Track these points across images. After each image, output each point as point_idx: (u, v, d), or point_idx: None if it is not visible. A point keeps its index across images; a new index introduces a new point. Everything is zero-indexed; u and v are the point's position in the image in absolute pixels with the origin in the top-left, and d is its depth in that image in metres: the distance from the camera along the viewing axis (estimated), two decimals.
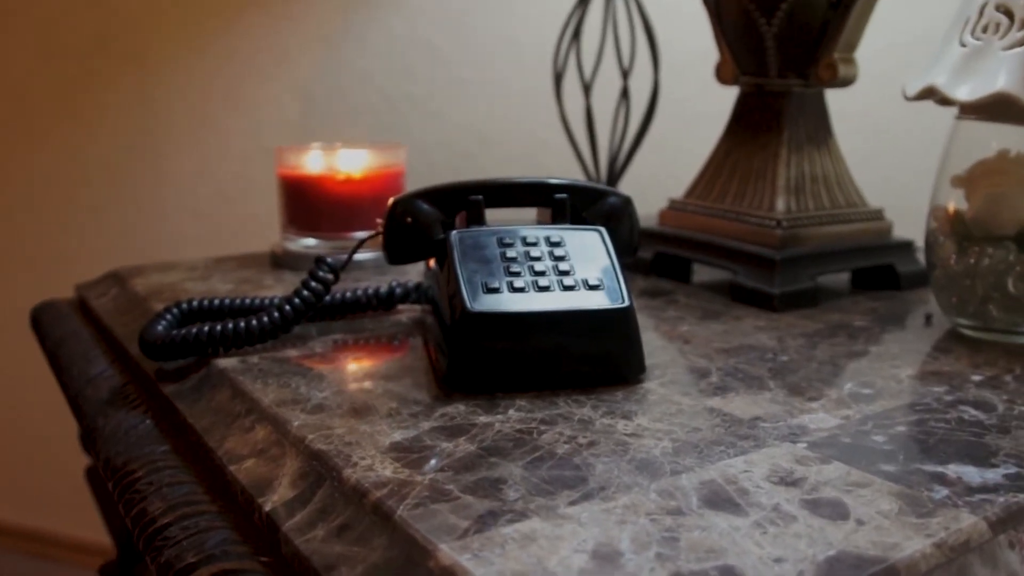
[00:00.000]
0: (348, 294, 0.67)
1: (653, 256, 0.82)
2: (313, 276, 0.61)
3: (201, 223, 1.23)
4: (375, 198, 0.85)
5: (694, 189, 0.82)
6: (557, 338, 0.50)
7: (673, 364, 0.56)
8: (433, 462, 0.41)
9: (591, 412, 0.48)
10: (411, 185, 0.68)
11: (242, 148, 1.22)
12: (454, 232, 0.56)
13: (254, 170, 1.19)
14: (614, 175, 1.00)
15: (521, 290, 0.52)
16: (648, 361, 0.56)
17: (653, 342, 0.61)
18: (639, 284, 0.80)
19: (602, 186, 0.61)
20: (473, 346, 0.50)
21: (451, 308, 0.51)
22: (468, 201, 0.59)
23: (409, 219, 0.59)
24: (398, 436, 0.44)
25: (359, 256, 0.83)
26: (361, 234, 0.81)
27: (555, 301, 0.51)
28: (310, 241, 0.87)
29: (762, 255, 0.72)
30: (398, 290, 0.69)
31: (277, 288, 0.76)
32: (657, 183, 1.21)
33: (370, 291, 0.68)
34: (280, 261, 0.87)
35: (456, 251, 0.55)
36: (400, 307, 0.70)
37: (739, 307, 0.70)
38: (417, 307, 0.69)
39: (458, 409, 0.48)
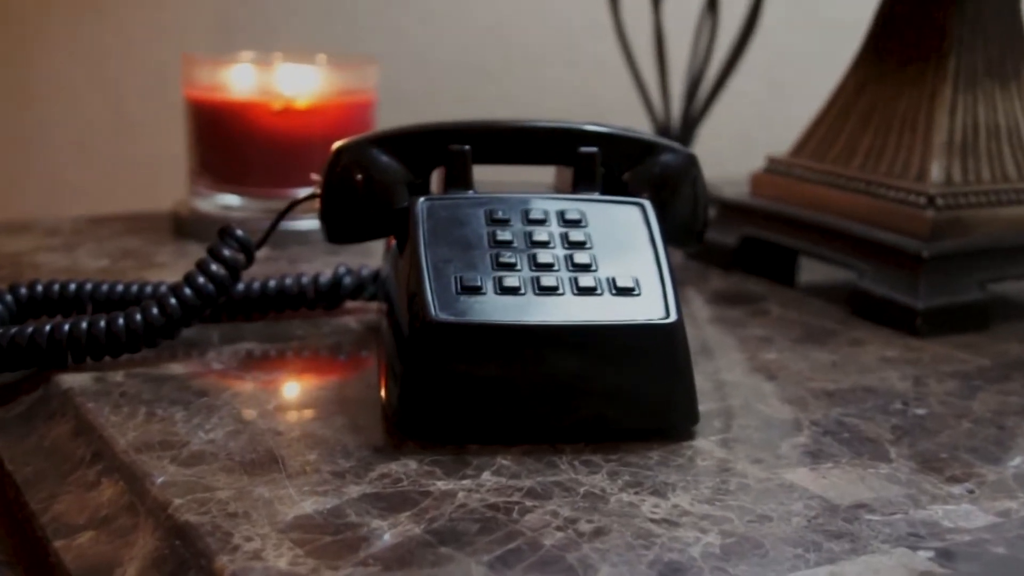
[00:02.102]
0: (272, 284, 0.67)
1: (739, 242, 0.81)
2: (215, 255, 0.60)
3: (79, 165, 1.23)
4: (328, 139, 0.84)
5: (805, 144, 0.80)
6: (564, 365, 0.49)
7: (745, 411, 0.55)
8: (352, 553, 0.40)
9: (606, 481, 0.47)
10: (386, 123, 0.67)
11: (142, 56, 1.22)
12: (423, 199, 0.55)
13: (161, 91, 1.19)
14: (690, 121, 0.99)
15: (514, 291, 0.51)
16: (705, 405, 0.54)
17: (719, 375, 0.60)
18: (712, 284, 0.78)
19: (652, 136, 0.60)
20: (436, 372, 0.49)
21: (409, 313, 0.51)
22: (448, 153, 0.58)
23: (359, 176, 0.59)
24: (309, 506, 0.44)
25: (298, 226, 0.83)
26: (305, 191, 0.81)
27: (564, 310, 0.50)
28: (230, 199, 0.86)
29: (903, 248, 0.70)
30: (346, 280, 0.68)
31: (174, 268, 0.76)
32: (750, 135, 1.20)
33: (305, 280, 0.67)
34: (184, 226, 0.87)
35: (422, 227, 0.54)
36: (349, 304, 0.69)
37: (861, 326, 0.69)
38: (375, 306, 0.68)
39: (407, 467, 0.47)
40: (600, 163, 0.59)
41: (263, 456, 0.48)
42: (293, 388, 0.57)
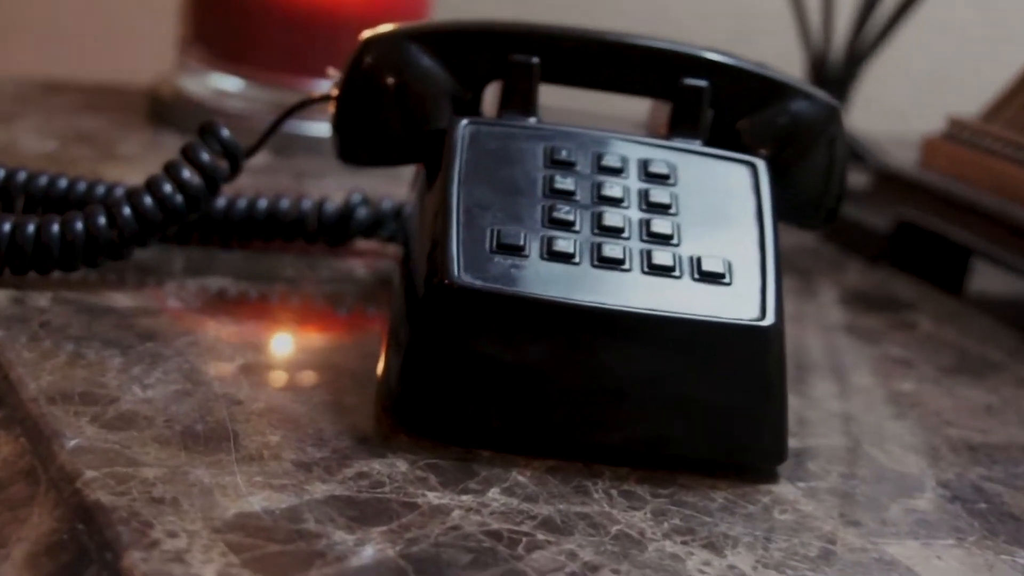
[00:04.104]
0: (262, 204, 0.68)
1: (894, 226, 0.81)
2: (189, 158, 0.62)
3: (36, 6, 1.24)
4: (365, 21, 0.85)
5: (1002, 108, 0.80)
6: (618, 364, 0.51)
7: (851, 456, 0.56)
8: (301, 570, 0.42)
9: (648, 522, 0.48)
10: (443, 15, 0.69)
11: None
12: (466, 121, 0.57)
13: None
14: (856, 54, 0.99)
15: (566, 258, 0.52)
16: (799, 440, 0.56)
17: (827, 403, 0.60)
18: (848, 278, 0.79)
19: (782, 75, 0.61)
20: (450, 350, 0.51)
21: (427, 269, 0.52)
22: (509, 65, 0.59)
23: (390, 79, 0.60)
24: (258, 502, 0.45)
25: (312, 130, 0.85)
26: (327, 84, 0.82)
27: (628, 291, 0.51)
28: (229, 82, 0.88)
29: None
30: (360, 211, 0.70)
31: (142, 164, 0.78)
32: (930, 86, 1.19)
33: (306, 205, 0.69)
34: (164, 110, 0.89)
35: (460, 158, 0.55)
36: (360, 244, 0.71)
37: None
38: (393, 250, 0.70)
39: (394, 468, 0.49)
40: (708, 103, 0.59)
41: (212, 429, 0.49)
42: (268, 345, 0.59)
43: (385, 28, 0.61)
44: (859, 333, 0.70)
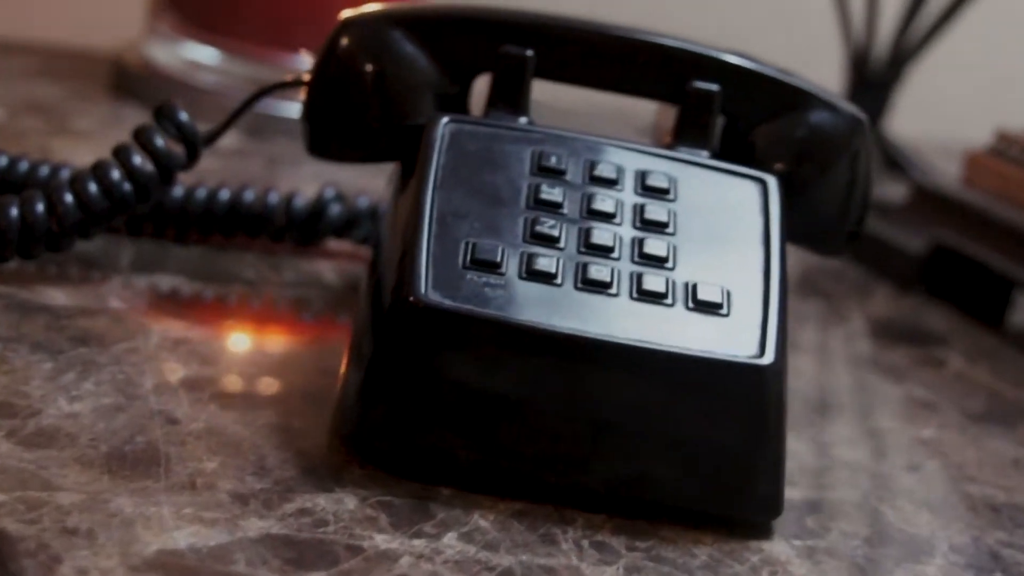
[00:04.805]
0: (223, 195, 0.68)
1: (930, 250, 0.81)
2: (142, 143, 0.62)
3: None
4: None
5: None
6: (600, 398, 0.51)
7: (857, 512, 0.55)
8: None
9: None
10: None
11: None
12: (447, 119, 0.56)
13: None
14: (902, 53, 0.99)
15: (547, 278, 0.52)
16: (798, 491, 0.55)
17: (835, 448, 0.60)
18: (875, 305, 0.78)
19: (804, 82, 0.61)
20: (412, 375, 0.51)
21: (394, 283, 0.52)
22: (500, 57, 0.59)
23: (368, 66, 0.60)
24: (184, 538, 0.45)
25: (291, 112, 0.84)
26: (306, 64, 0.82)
27: (613, 318, 0.51)
28: (204, 53, 0.88)
29: None
30: (333, 208, 0.69)
31: (100, 141, 0.77)
32: (979, 95, 1.19)
33: (273, 199, 0.69)
34: (129, 81, 0.89)
35: (437, 159, 0.55)
36: (332, 244, 0.71)
37: None
38: (368, 251, 0.70)
39: (341, 505, 0.49)
40: (719, 110, 0.59)
41: (142, 451, 0.49)
42: (217, 355, 0.59)
43: (366, 9, 0.61)
44: (881, 369, 0.70)
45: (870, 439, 0.62)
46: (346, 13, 0.61)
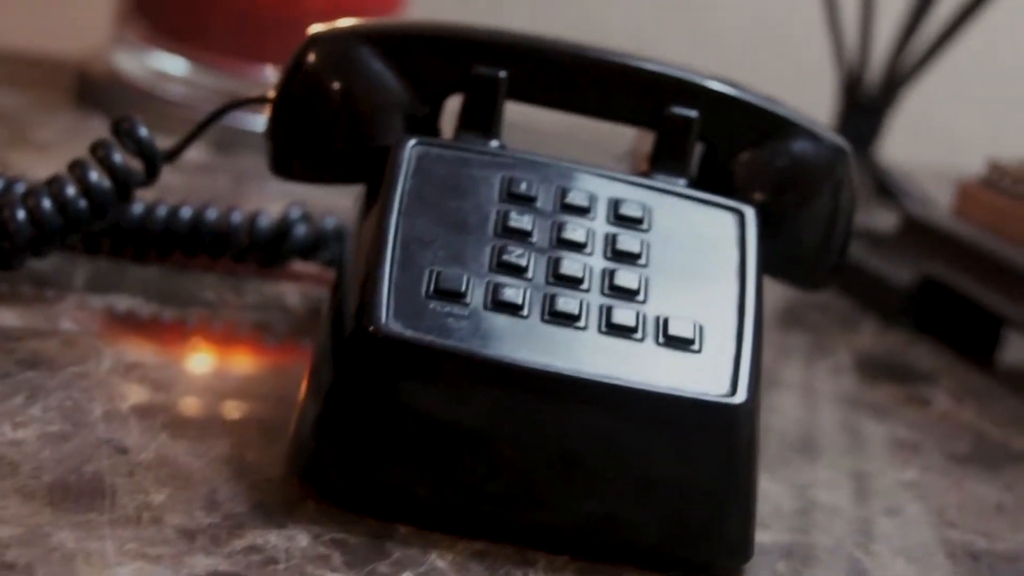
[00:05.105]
0: (184, 213, 0.69)
1: (918, 282, 0.82)
2: (100, 158, 0.62)
3: None
4: (332, 8, 0.85)
5: None
6: (565, 435, 0.51)
7: (829, 557, 0.55)
8: None
9: None
10: (423, 13, 0.68)
11: None
12: (414, 142, 0.57)
13: None
14: (897, 76, 0.99)
15: (513, 309, 0.52)
16: (769, 534, 0.55)
17: (811, 490, 0.60)
18: (860, 339, 0.79)
19: (786, 110, 0.61)
20: (371, 408, 0.51)
21: (355, 310, 0.52)
22: (473, 77, 0.59)
23: (335, 84, 0.60)
24: (126, 575, 0.45)
25: (260, 126, 0.84)
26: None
27: (580, 353, 0.51)
28: (172, 63, 0.88)
29: None
30: (299, 228, 0.69)
31: (60, 153, 0.76)
32: (973, 124, 1.19)
33: (237, 217, 0.69)
34: (94, 90, 0.89)
35: (403, 183, 0.55)
36: (297, 266, 0.71)
37: None
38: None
39: (292, 542, 0.48)
40: (697, 136, 0.60)
41: (87, 482, 0.49)
42: (172, 381, 0.58)
43: (334, 24, 0.61)
44: (864, 407, 0.70)
45: (849, 481, 0.62)
46: (314, 28, 0.61)
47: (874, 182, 0.97)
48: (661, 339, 0.52)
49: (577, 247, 0.54)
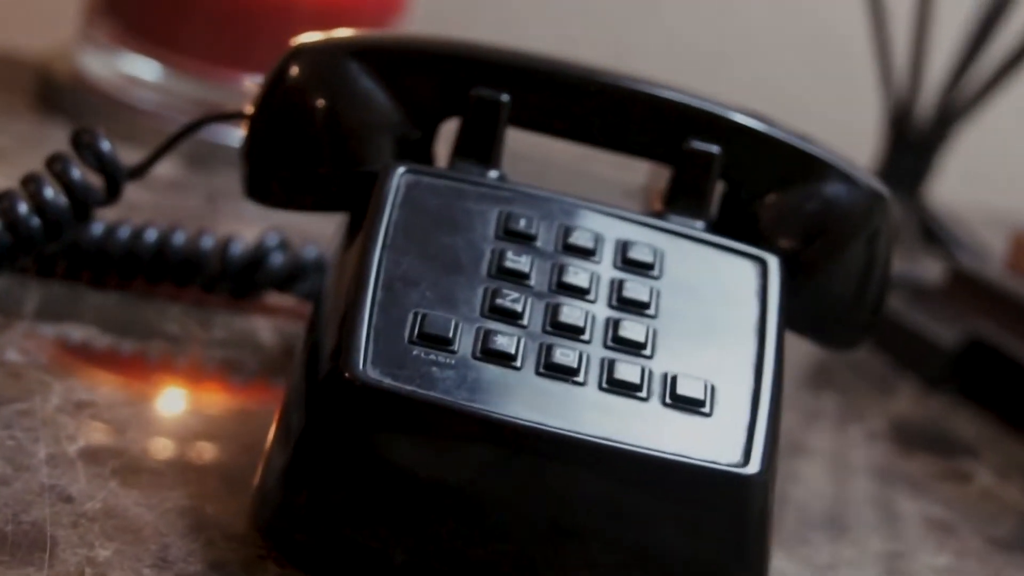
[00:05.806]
0: (149, 236, 0.69)
1: (964, 343, 0.81)
2: (57, 173, 0.62)
3: None
4: (320, 16, 0.85)
5: None
6: (558, 500, 0.51)
7: None
8: None
9: None
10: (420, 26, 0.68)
11: None
12: (403, 169, 0.57)
13: None
14: (950, 111, 0.99)
15: (505, 359, 0.52)
16: None
17: (834, 571, 0.60)
18: (897, 404, 0.79)
19: (820, 149, 0.61)
20: (345, 461, 0.51)
21: (330, 352, 0.52)
22: (472, 100, 0.59)
23: (319, 102, 0.60)
24: None
25: (230, 140, 0.84)
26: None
27: (579, 412, 0.51)
28: (144, 66, 0.88)
29: None
30: (274, 257, 0.69)
31: (18, 163, 0.76)
32: None
33: (207, 242, 0.69)
34: (57, 94, 0.89)
35: (389, 215, 0.55)
36: (271, 298, 0.71)
37: None
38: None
39: None
40: (719, 174, 0.60)
41: (25, 533, 0.49)
42: (127, 422, 0.58)
43: (321, 36, 0.61)
44: (897, 480, 0.70)
45: (876, 563, 0.62)
46: (298, 39, 0.61)
47: (921, 227, 0.97)
48: (668, 399, 0.52)
49: (579, 293, 0.54)
